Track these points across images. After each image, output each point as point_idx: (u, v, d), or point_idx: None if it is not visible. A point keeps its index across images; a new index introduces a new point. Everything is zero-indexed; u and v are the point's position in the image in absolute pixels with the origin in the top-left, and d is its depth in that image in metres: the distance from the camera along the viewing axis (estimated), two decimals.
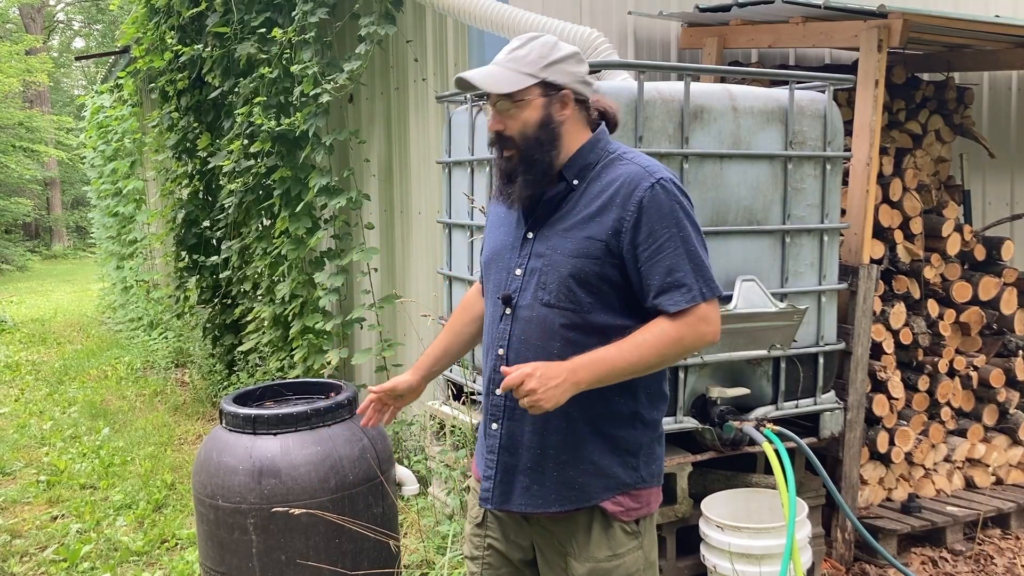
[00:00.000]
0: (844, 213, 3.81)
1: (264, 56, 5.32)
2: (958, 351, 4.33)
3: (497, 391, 1.97)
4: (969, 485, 4.35)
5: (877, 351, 4.02)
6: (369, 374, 5.46)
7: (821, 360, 3.51)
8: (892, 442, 4.03)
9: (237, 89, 5.79)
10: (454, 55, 4.50)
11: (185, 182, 7.12)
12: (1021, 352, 4.41)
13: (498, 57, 2.02)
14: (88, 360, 9.32)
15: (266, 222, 5.82)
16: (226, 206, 6.19)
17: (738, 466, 3.50)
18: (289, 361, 5.49)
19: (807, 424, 3.58)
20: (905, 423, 4.09)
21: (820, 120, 3.45)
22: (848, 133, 3.86)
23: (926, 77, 4.96)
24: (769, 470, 3.18)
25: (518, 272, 2.05)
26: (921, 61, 4.95)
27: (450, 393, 3.90)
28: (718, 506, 3.22)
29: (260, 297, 6.03)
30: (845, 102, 4.36)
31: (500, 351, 2.05)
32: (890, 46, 3.76)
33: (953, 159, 4.99)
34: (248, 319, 6.20)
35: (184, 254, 7.32)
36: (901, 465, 4.13)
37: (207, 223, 6.99)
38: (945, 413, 4.26)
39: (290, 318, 5.48)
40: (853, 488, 3.75)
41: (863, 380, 3.73)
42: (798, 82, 3.43)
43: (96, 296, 14.65)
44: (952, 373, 4.29)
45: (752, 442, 3.17)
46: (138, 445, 5.99)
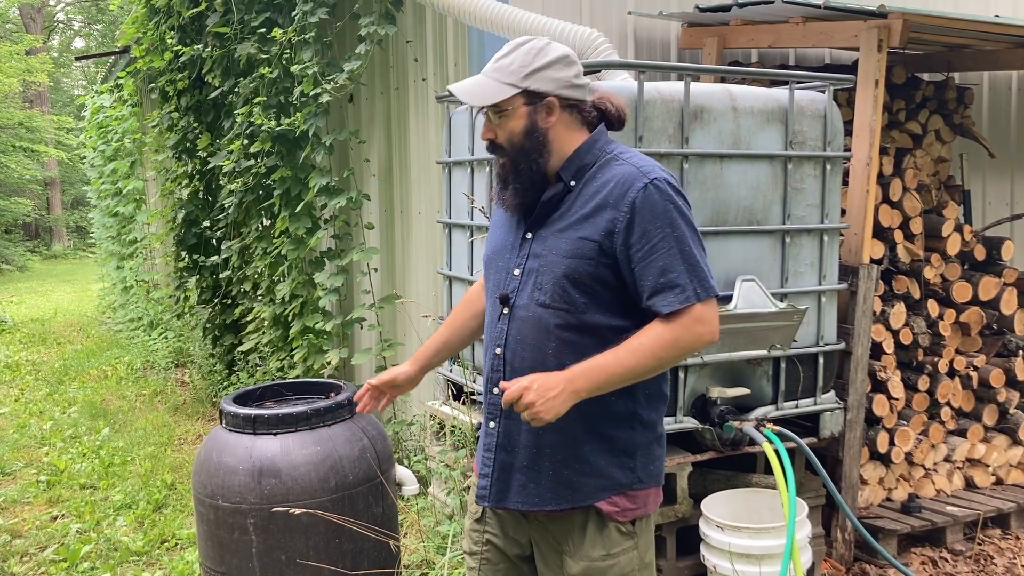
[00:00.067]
0: (844, 213, 3.81)
1: (264, 56, 5.32)
2: (958, 351, 4.33)
3: (497, 396, 2.00)
4: (969, 485, 4.35)
5: (877, 351, 4.02)
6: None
7: (821, 360, 3.51)
8: (892, 442, 4.03)
9: (237, 89, 5.79)
10: (454, 55, 4.50)
11: (185, 182, 7.13)
12: (1021, 352, 4.41)
13: (487, 66, 2.04)
14: (88, 360, 9.32)
15: (266, 222, 5.82)
16: (226, 206, 6.19)
17: (738, 466, 3.50)
18: (289, 361, 5.49)
19: (807, 424, 3.58)
20: (905, 423, 4.09)
21: (820, 120, 3.45)
22: (848, 133, 3.86)
23: (926, 77, 4.96)
24: (769, 470, 3.18)
25: (516, 272, 2.06)
26: (921, 61, 4.95)
27: (450, 393, 3.90)
28: (718, 506, 3.22)
29: (260, 297, 6.03)
30: (845, 102, 4.36)
31: (498, 350, 2.07)
32: (890, 46, 3.76)
33: (953, 159, 4.99)
34: (248, 319, 6.20)
35: (184, 254, 7.33)
36: (901, 465, 4.13)
37: (207, 223, 7.00)
38: (945, 413, 4.26)
39: (290, 318, 5.48)
40: (853, 488, 3.75)
41: (863, 380, 3.74)
42: (798, 82, 3.43)
43: (96, 296, 14.65)
44: (952, 373, 4.29)
45: (752, 442, 3.17)
46: (138, 445, 5.99)
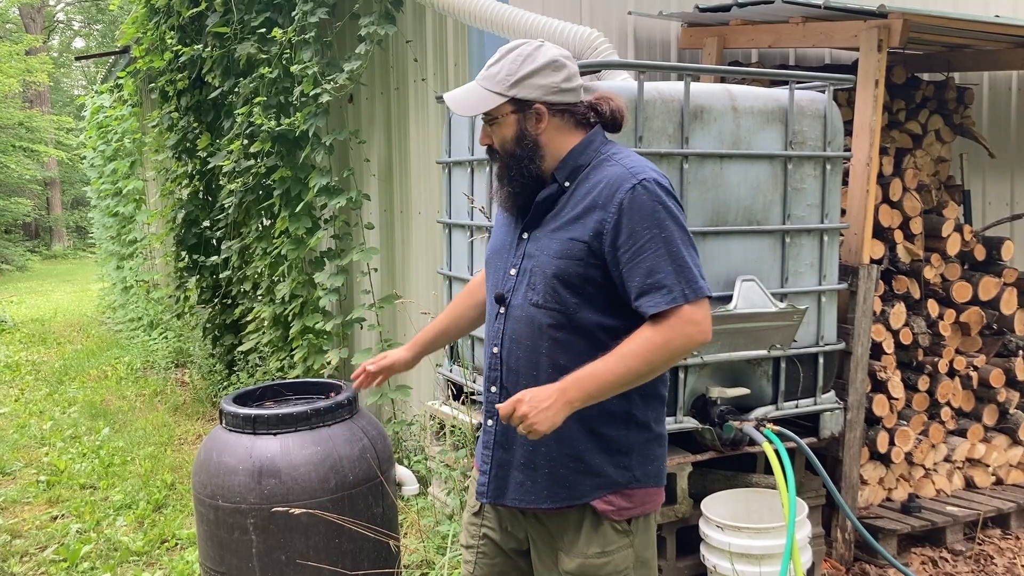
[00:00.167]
0: (844, 213, 3.81)
1: (264, 56, 5.32)
2: (958, 351, 4.33)
3: (494, 395, 2.03)
4: (969, 485, 4.35)
5: (877, 351, 4.02)
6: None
7: (821, 360, 3.51)
8: (892, 442, 4.03)
9: (237, 89, 5.79)
10: (454, 55, 4.50)
11: (185, 182, 7.13)
12: (1021, 352, 4.41)
13: (480, 72, 2.06)
14: (88, 360, 9.32)
15: (266, 222, 5.82)
16: (226, 206, 6.19)
17: (738, 466, 3.50)
18: (289, 361, 5.49)
19: (807, 424, 3.58)
20: (905, 423, 4.09)
21: (820, 120, 3.44)
22: (848, 133, 3.86)
23: (926, 77, 4.96)
24: (769, 470, 3.18)
25: (512, 272, 2.08)
26: (921, 61, 4.95)
27: (450, 393, 3.90)
28: (718, 506, 3.23)
29: (260, 297, 6.03)
30: (845, 102, 4.36)
31: (495, 349, 2.09)
32: (890, 46, 3.76)
33: (953, 159, 4.99)
34: (248, 319, 6.20)
35: (184, 254, 7.32)
36: (901, 465, 4.13)
37: (207, 223, 7.00)
38: (945, 413, 4.26)
39: (290, 318, 5.48)
40: (853, 488, 3.74)
41: (863, 380, 3.73)
42: (798, 82, 3.43)
43: (96, 296, 14.65)
44: (952, 373, 4.29)
45: (752, 442, 3.17)
46: (138, 445, 5.99)
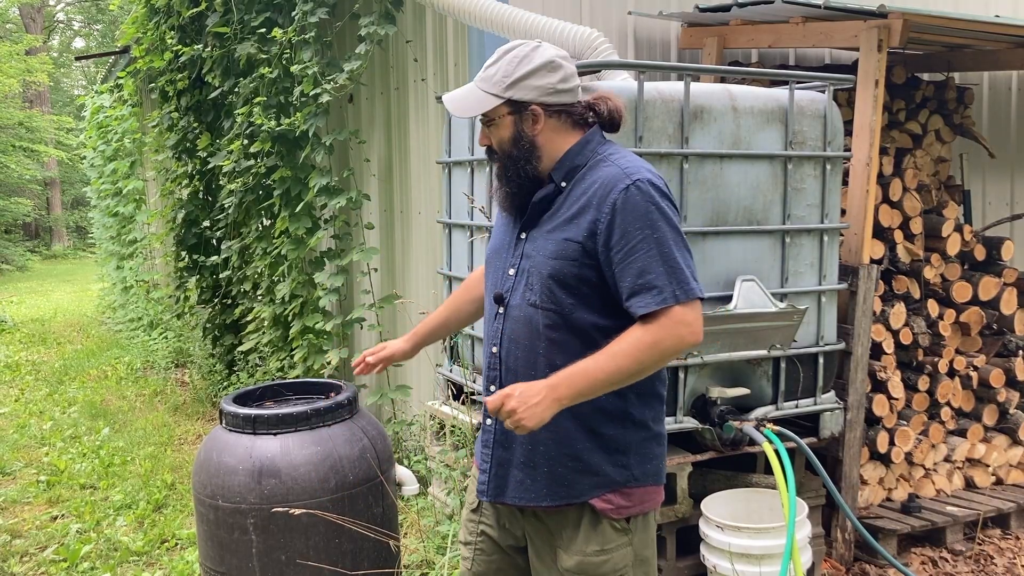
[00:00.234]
0: (844, 213, 3.81)
1: (264, 56, 5.32)
2: (958, 351, 4.33)
3: (488, 419, 2.08)
4: (969, 485, 4.35)
5: (877, 351, 4.02)
6: (369, 374, 5.45)
7: (821, 360, 3.51)
8: (892, 442, 4.03)
9: (237, 89, 5.79)
10: (454, 55, 4.50)
11: (185, 182, 7.13)
12: (1021, 352, 4.41)
13: (478, 73, 2.07)
14: (88, 360, 9.32)
15: (266, 222, 5.82)
16: (226, 206, 6.19)
17: (738, 466, 3.50)
18: (289, 361, 5.49)
19: (807, 424, 3.58)
20: (905, 423, 4.09)
21: (820, 120, 3.44)
22: (848, 133, 3.86)
23: (926, 77, 4.96)
24: (769, 470, 3.18)
25: (511, 272, 2.09)
26: (921, 61, 4.94)
27: (450, 393, 3.90)
28: (718, 506, 3.22)
29: (260, 297, 6.03)
30: (845, 102, 4.36)
31: (494, 349, 2.11)
32: (890, 46, 3.75)
33: (953, 159, 4.98)
34: (248, 319, 6.20)
35: (184, 254, 7.32)
36: (901, 465, 4.13)
37: (207, 223, 6.99)
38: (945, 413, 4.26)
39: (290, 318, 5.48)
40: (853, 488, 3.74)
41: (863, 380, 3.73)
42: (798, 82, 3.43)
43: (96, 296, 14.65)
44: (952, 373, 4.28)
45: (752, 442, 3.17)
46: (138, 445, 5.99)
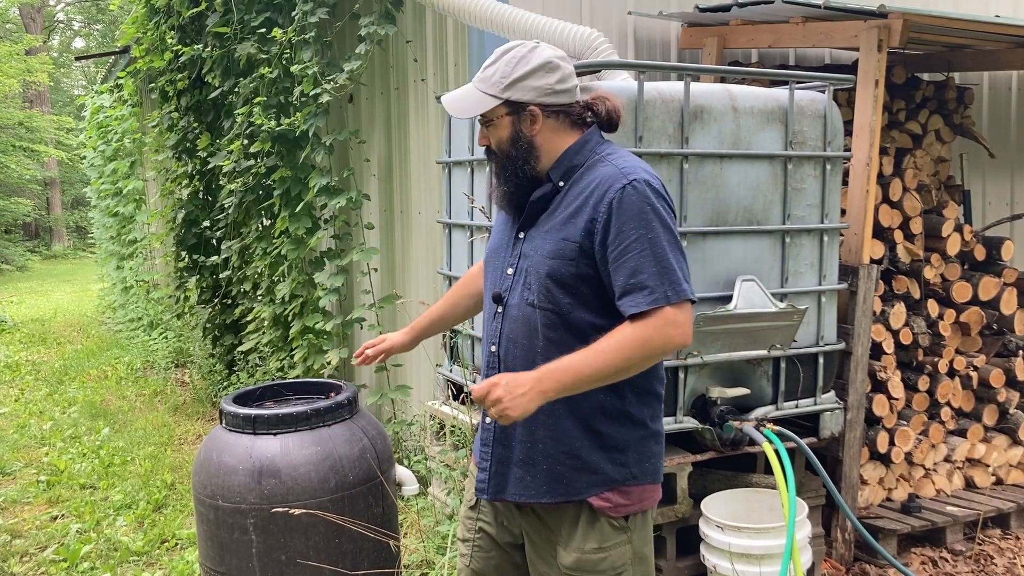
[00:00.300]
0: (844, 213, 3.81)
1: (264, 56, 5.32)
2: (958, 351, 4.33)
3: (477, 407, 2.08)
4: (969, 485, 4.35)
5: (877, 351, 4.02)
6: (369, 374, 5.46)
7: (821, 360, 3.50)
8: (892, 442, 4.03)
9: (237, 89, 5.79)
10: (454, 55, 4.50)
11: (185, 182, 7.13)
12: (1021, 352, 4.41)
13: (476, 74, 2.07)
14: (88, 360, 9.32)
15: (266, 222, 5.82)
16: (226, 206, 6.19)
17: (738, 466, 3.50)
18: (289, 361, 5.49)
19: (807, 424, 3.58)
20: (905, 423, 4.09)
21: (820, 120, 3.44)
22: (848, 133, 3.86)
23: (926, 77, 4.96)
24: (769, 470, 3.18)
25: (509, 271, 2.10)
26: (921, 61, 4.94)
27: (450, 393, 3.90)
28: (718, 506, 3.22)
29: (260, 297, 6.03)
30: (845, 102, 4.36)
31: (492, 348, 2.12)
32: (890, 46, 3.75)
33: (953, 159, 4.98)
34: (248, 319, 6.20)
35: (184, 254, 7.32)
36: (901, 465, 4.13)
37: (207, 223, 6.99)
38: (945, 413, 4.26)
39: (290, 318, 5.48)
40: (853, 488, 3.74)
41: (863, 380, 3.73)
42: (798, 82, 3.43)
43: (96, 296, 14.65)
44: (952, 373, 4.28)
45: (752, 442, 3.17)
46: (138, 445, 5.99)
